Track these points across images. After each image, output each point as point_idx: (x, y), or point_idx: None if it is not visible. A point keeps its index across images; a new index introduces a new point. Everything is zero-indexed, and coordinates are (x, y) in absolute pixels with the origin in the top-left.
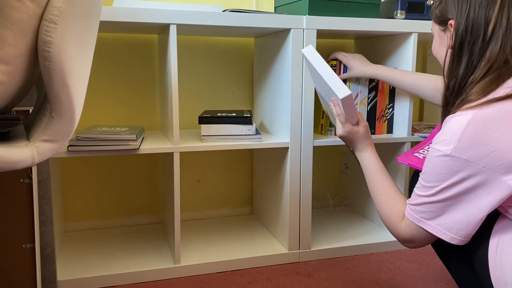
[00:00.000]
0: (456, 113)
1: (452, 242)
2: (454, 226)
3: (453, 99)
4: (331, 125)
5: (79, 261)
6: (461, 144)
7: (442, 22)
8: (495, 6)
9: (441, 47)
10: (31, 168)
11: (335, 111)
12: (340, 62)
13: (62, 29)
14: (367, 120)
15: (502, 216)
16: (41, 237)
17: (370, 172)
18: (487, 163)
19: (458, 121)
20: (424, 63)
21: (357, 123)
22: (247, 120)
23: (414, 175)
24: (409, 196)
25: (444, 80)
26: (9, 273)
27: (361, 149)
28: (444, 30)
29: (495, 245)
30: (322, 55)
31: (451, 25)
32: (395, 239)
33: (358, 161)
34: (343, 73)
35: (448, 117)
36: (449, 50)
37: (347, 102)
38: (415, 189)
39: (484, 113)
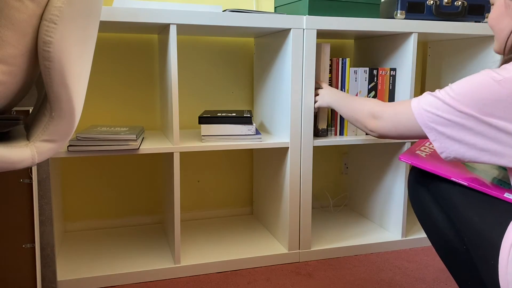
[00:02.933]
0: None
1: (434, 144)
2: (450, 145)
3: None
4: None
5: (79, 261)
6: None
7: None
8: None
9: (506, 17)
10: (31, 168)
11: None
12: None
13: (62, 29)
14: None
15: None
16: (41, 237)
17: (347, 100)
18: None
19: None
20: (424, 63)
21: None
22: (247, 120)
23: (412, 171)
24: (410, 194)
25: (504, 52)
26: (9, 273)
27: (335, 94)
28: None
29: (508, 247)
30: (318, 57)
31: None
32: (395, 239)
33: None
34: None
35: None
36: None
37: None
38: (437, 93)
39: None
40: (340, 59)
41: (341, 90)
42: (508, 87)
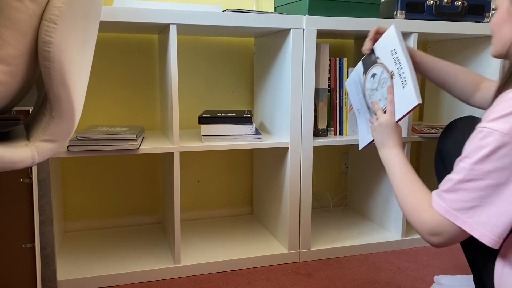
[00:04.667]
0: None
1: (482, 240)
2: (489, 220)
3: None
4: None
5: (79, 261)
6: None
7: None
8: None
9: (508, 24)
10: (31, 168)
11: (388, 98)
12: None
13: (62, 29)
14: None
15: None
16: (41, 237)
17: (397, 166)
18: None
19: None
20: None
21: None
22: (247, 120)
23: (437, 155)
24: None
25: (509, 57)
26: (9, 273)
27: (393, 145)
28: None
29: (499, 272)
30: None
31: None
32: (395, 239)
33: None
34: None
35: (504, 93)
36: None
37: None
38: (449, 175)
39: None
40: (337, 59)
41: (340, 90)
42: None
